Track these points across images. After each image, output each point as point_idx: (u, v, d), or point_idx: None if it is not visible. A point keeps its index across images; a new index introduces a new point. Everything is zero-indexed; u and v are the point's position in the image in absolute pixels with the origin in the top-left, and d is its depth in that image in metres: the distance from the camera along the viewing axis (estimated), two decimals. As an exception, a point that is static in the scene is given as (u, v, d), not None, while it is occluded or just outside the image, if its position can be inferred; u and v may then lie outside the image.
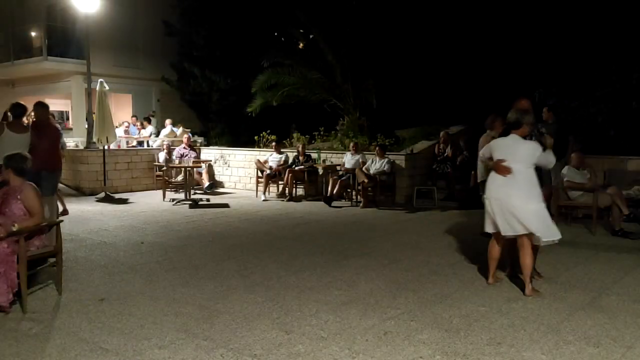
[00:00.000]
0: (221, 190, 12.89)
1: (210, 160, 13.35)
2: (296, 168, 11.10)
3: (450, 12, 13.25)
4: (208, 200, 10.87)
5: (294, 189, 11.18)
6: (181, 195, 11.02)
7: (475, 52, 12.95)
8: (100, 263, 5.88)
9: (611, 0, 10.65)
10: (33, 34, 17.53)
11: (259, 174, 11.62)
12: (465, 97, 12.87)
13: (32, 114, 7.76)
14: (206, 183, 12.18)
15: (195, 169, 11.74)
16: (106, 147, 11.71)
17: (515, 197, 4.63)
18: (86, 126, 12.93)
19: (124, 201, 10.82)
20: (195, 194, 11.55)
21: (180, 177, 11.76)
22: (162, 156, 12.67)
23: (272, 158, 11.67)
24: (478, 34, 12.82)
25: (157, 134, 14.85)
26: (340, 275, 5.38)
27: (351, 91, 13.27)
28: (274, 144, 12.11)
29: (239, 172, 13.14)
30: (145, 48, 18.07)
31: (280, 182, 11.43)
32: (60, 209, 8.39)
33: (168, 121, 14.84)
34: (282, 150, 11.94)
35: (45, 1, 16.82)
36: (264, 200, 10.93)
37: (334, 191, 10.39)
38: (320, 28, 13.51)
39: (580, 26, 10.68)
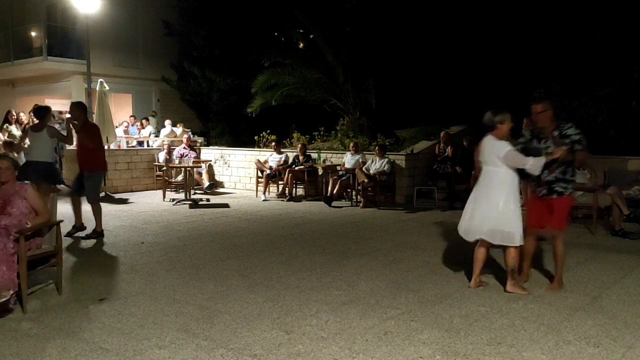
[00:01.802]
0: (221, 190, 12.89)
1: (210, 160, 13.35)
2: (296, 168, 11.09)
3: (451, 12, 13.26)
4: (208, 200, 10.87)
5: (294, 189, 11.18)
6: (181, 195, 11.02)
7: (475, 52, 12.94)
8: (100, 263, 5.88)
9: (611, 1, 10.65)
10: (33, 34, 17.53)
11: (259, 174, 11.62)
12: (465, 97, 12.86)
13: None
14: (206, 183, 12.19)
15: (195, 169, 11.74)
16: (106, 147, 11.69)
17: (484, 197, 4.67)
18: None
19: (124, 201, 10.82)
20: (195, 194, 11.56)
21: (180, 177, 11.76)
22: (162, 156, 12.66)
23: (272, 158, 11.66)
24: (478, 33, 12.82)
25: (157, 134, 14.85)
26: (340, 275, 5.38)
27: (351, 91, 13.27)
28: (274, 144, 12.11)
29: (239, 172, 13.14)
30: (145, 48, 18.06)
31: (280, 182, 11.43)
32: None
33: (168, 122, 14.85)
34: (282, 150, 11.94)
35: (45, 1, 16.80)
36: (264, 200, 10.93)
37: (334, 191, 10.39)
38: (320, 28, 13.52)
39: (581, 26, 10.68)
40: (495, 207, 4.60)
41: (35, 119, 8.02)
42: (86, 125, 7.40)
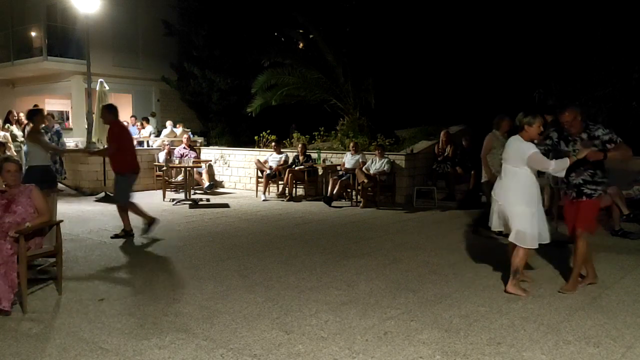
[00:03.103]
0: (221, 190, 12.89)
1: (210, 160, 13.35)
2: (296, 168, 11.09)
3: (450, 12, 13.26)
4: (208, 200, 10.87)
5: (294, 189, 11.18)
6: (181, 195, 11.02)
7: (475, 52, 12.94)
8: (100, 263, 5.88)
9: (611, 1, 10.65)
10: (33, 34, 17.55)
11: (259, 174, 11.62)
12: (465, 97, 12.86)
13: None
14: (206, 183, 12.19)
15: (195, 169, 11.74)
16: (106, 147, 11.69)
17: (502, 195, 4.76)
18: (86, 126, 12.93)
19: (124, 201, 10.80)
20: (195, 194, 11.55)
21: (180, 177, 11.76)
22: (162, 156, 12.66)
23: (272, 158, 11.66)
24: (478, 33, 12.82)
25: (157, 134, 14.84)
26: (340, 275, 5.38)
27: (351, 91, 13.28)
28: (274, 144, 12.11)
29: (239, 172, 13.14)
30: (145, 48, 18.08)
31: (280, 182, 11.43)
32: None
33: (169, 122, 14.85)
34: (282, 150, 11.94)
35: (45, 1, 16.82)
36: (264, 200, 10.93)
37: (334, 191, 10.39)
38: (320, 28, 13.52)
39: (581, 27, 10.68)
40: (511, 206, 4.66)
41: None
42: (111, 126, 7.47)
